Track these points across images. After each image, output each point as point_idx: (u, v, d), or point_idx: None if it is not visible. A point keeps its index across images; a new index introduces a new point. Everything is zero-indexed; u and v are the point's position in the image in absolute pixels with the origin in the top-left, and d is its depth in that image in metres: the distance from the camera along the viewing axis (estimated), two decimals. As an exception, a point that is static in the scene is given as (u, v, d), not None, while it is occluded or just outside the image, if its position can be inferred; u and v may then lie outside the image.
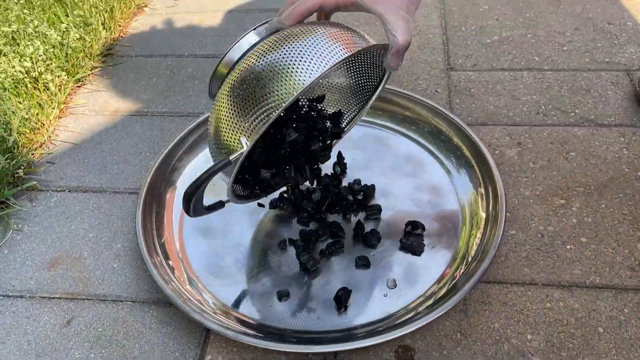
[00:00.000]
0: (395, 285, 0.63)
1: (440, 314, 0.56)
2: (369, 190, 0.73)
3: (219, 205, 0.64)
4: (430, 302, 0.60)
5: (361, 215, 0.71)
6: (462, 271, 0.62)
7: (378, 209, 0.70)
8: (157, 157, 0.76)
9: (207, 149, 0.81)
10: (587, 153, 0.78)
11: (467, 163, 0.74)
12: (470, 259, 0.63)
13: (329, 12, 0.57)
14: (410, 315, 0.59)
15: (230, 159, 0.51)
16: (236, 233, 0.70)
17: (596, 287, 0.62)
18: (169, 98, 0.96)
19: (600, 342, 0.57)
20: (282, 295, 0.63)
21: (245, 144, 0.50)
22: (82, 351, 0.60)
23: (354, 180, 0.75)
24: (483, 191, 0.70)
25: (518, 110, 0.86)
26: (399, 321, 0.58)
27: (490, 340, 0.58)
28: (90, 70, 1.02)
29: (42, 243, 0.73)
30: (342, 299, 0.61)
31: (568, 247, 0.66)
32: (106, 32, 1.10)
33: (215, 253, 0.68)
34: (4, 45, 0.96)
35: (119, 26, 1.16)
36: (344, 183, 0.75)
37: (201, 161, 0.80)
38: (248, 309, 0.62)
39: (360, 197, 0.72)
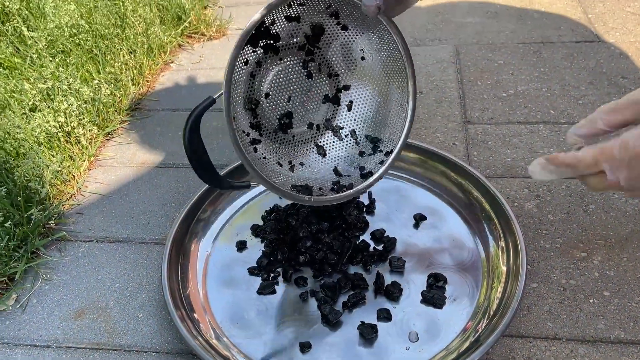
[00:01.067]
0: (417, 339, 0.63)
1: (464, 368, 0.56)
2: (391, 243, 0.74)
3: (245, 186, 0.69)
4: (453, 356, 0.60)
5: (382, 267, 0.72)
6: (484, 325, 0.62)
7: (403, 263, 0.71)
8: (183, 209, 0.78)
9: (231, 200, 0.84)
10: (606, 206, 0.78)
11: (486, 216, 0.75)
12: (492, 313, 0.63)
13: None
14: (433, 370, 0.59)
15: (214, 97, 0.56)
16: (259, 284, 0.71)
17: (621, 342, 0.61)
18: (194, 151, 0.99)
19: (627, 399, 0.56)
20: (305, 347, 0.63)
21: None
22: (107, 402, 0.61)
23: (377, 230, 0.76)
24: (503, 244, 0.71)
25: (536, 162, 0.87)
26: (422, 375, 0.58)
27: (514, 396, 0.58)
28: (119, 124, 1.07)
29: (69, 293, 0.75)
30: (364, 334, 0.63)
31: (591, 301, 0.66)
32: (135, 87, 1.15)
33: (239, 304, 0.69)
34: (40, 101, 1.01)
35: (147, 82, 1.21)
36: (366, 234, 0.76)
37: (226, 212, 0.82)
38: (271, 362, 0.63)
39: (380, 249, 0.73)
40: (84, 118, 1.00)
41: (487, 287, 0.67)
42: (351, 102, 0.74)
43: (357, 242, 0.74)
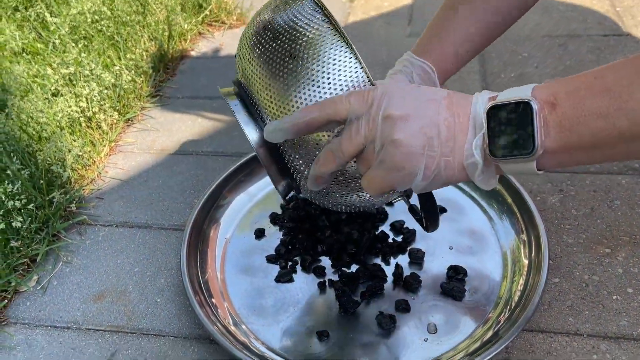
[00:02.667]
0: (436, 330, 0.63)
1: (483, 361, 0.56)
2: (410, 234, 0.73)
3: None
4: (472, 348, 0.59)
5: (401, 259, 0.71)
6: (505, 316, 0.61)
7: (422, 254, 0.71)
8: (202, 195, 0.78)
9: (250, 188, 0.83)
10: (632, 202, 0.77)
11: (508, 209, 0.74)
12: (513, 305, 0.62)
13: None
14: (452, 362, 0.58)
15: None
16: (277, 272, 0.71)
17: (645, 340, 0.60)
18: (214, 138, 0.99)
19: (650, 398, 0.55)
20: (322, 336, 0.63)
21: None
22: (125, 384, 0.62)
23: (397, 221, 0.75)
24: (525, 238, 0.70)
25: (559, 156, 0.86)
26: (440, 367, 0.58)
27: (534, 391, 0.57)
28: (140, 110, 1.07)
29: (89, 276, 0.75)
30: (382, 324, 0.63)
31: (614, 297, 0.65)
32: (156, 74, 1.15)
33: (257, 292, 0.69)
34: (62, 86, 1.02)
35: (168, 69, 1.21)
36: (386, 225, 0.76)
37: (245, 199, 0.82)
38: (288, 349, 0.63)
39: (400, 240, 0.73)
40: (105, 103, 1.00)
41: (508, 281, 0.66)
42: None
43: (377, 233, 0.74)
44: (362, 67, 0.47)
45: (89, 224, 0.84)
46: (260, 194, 0.84)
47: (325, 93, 0.47)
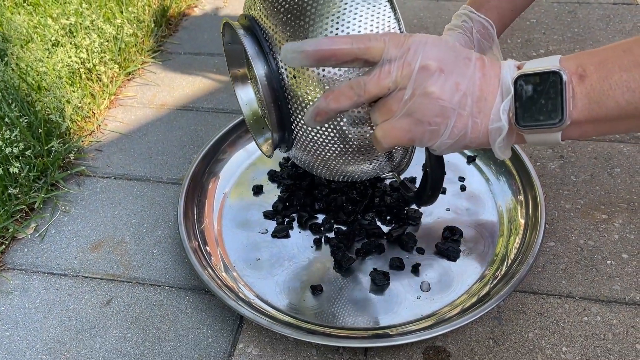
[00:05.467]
0: (429, 289, 0.63)
1: (474, 318, 0.56)
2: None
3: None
4: (464, 306, 0.60)
5: (398, 218, 0.71)
6: (502, 272, 0.61)
7: (420, 215, 0.71)
8: (202, 149, 0.78)
9: (249, 145, 0.83)
10: (632, 170, 0.76)
11: (507, 171, 0.74)
12: (510, 261, 0.62)
13: None
14: (443, 318, 0.59)
15: None
16: (274, 228, 0.72)
17: (636, 304, 0.61)
18: (215, 95, 0.99)
19: (637, 359, 0.56)
20: (316, 290, 0.64)
21: None
22: (120, 330, 0.62)
23: (395, 180, 0.75)
24: (522, 198, 0.69)
25: (562, 123, 0.85)
26: (431, 323, 0.58)
27: (523, 349, 0.57)
28: (141, 65, 1.06)
29: (87, 225, 0.76)
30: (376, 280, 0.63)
31: (608, 262, 0.65)
32: (157, 29, 1.14)
33: (253, 245, 0.70)
34: (62, 36, 1.00)
35: (170, 24, 1.19)
36: (384, 185, 0.76)
37: (243, 156, 0.82)
38: (281, 301, 0.63)
39: (395, 198, 0.73)
40: (105, 56, 0.99)
41: (504, 238, 0.67)
42: None
43: (374, 192, 0.74)
44: (396, 16, 0.45)
45: (87, 175, 0.84)
46: (259, 151, 0.83)
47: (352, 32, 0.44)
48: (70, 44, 0.99)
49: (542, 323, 0.60)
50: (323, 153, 0.51)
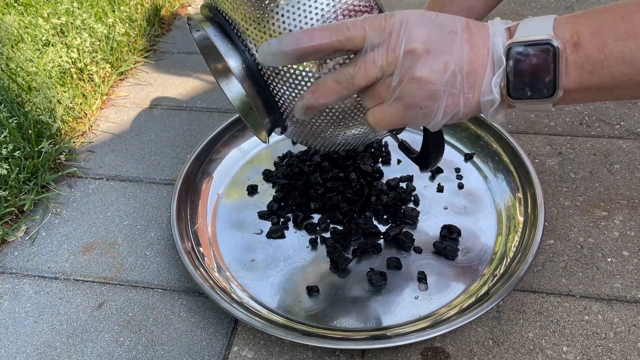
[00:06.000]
0: (427, 288, 0.62)
1: (473, 318, 0.55)
2: (405, 193, 0.72)
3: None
4: (462, 306, 0.58)
5: (395, 217, 0.70)
6: (501, 271, 0.60)
7: (417, 213, 0.69)
8: (195, 149, 0.77)
9: (243, 144, 0.82)
10: (631, 166, 0.75)
11: (505, 168, 0.73)
12: (509, 260, 0.61)
13: None
14: (441, 319, 0.57)
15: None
16: (269, 228, 0.70)
17: (637, 302, 0.60)
18: (208, 94, 0.97)
19: (639, 358, 0.55)
20: (312, 291, 0.62)
21: None
22: (112, 334, 0.61)
23: (392, 179, 0.74)
24: (521, 196, 0.68)
25: (560, 120, 0.84)
26: (429, 324, 0.57)
27: (523, 349, 0.56)
28: (133, 64, 1.05)
29: (78, 228, 0.74)
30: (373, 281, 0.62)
31: (609, 260, 0.64)
32: (150, 28, 1.12)
33: (247, 246, 0.68)
34: (53, 36, 0.99)
35: (163, 23, 1.18)
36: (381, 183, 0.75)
37: (237, 156, 0.80)
38: (277, 303, 0.62)
39: (394, 198, 0.71)
40: (97, 55, 0.98)
41: (503, 236, 0.66)
42: None
43: (371, 191, 0.73)
44: None
45: (79, 176, 0.82)
46: (254, 150, 0.82)
47: (323, 16, 0.43)
48: (61, 43, 0.98)
49: (542, 322, 0.59)
50: (317, 126, 0.50)
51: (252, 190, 0.76)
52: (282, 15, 0.44)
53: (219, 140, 0.79)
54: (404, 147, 0.61)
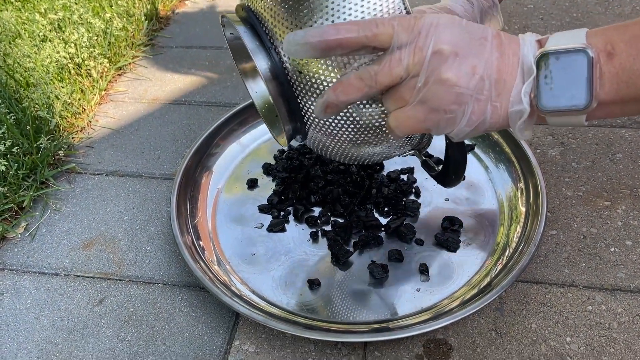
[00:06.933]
0: (428, 280, 0.62)
1: (475, 310, 0.54)
2: (406, 185, 0.71)
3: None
4: (464, 297, 0.58)
5: (396, 209, 0.70)
6: (503, 262, 0.60)
7: (418, 205, 0.69)
8: (195, 143, 0.76)
9: (242, 138, 0.81)
10: (634, 155, 0.75)
11: (506, 159, 0.72)
12: (511, 251, 0.61)
13: None
14: (443, 311, 0.57)
15: None
16: (269, 222, 0.70)
17: (641, 292, 0.59)
18: (207, 88, 0.97)
19: (644, 348, 0.54)
20: (313, 284, 0.62)
21: None
22: (113, 330, 0.61)
23: (393, 171, 0.74)
24: (523, 186, 0.68)
25: (562, 109, 0.83)
26: (431, 316, 0.57)
27: (526, 340, 0.56)
28: (132, 59, 1.04)
29: (78, 223, 0.74)
30: (374, 273, 0.62)
31: (612, 249, 0.64)
32: (148, 23, 1.12)
33: (248, 240, 0.68)
34: (50, 31, 0.98)
35: (161, 18, 1.17)
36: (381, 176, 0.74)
37: (237, 149, 0.80)
38: (278, 297, 0.62)
39: (395, 190, 0.71)
40: (94, 51, 0.97)
41: (505, 227, 0.65)
42: None
43: (372, 183, 0.72)
44: None
45: (78, 172, 0.82)
46: (253, 144, 0.81)
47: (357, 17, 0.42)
48: (59, 39, 0.97)
49: (545, 313, 0.58)
50: (338, 140, 0.49)
51: (252, 184, 0.75)
52: (312, 13, 0.43)
53: (218, 134, 0.79)
54: (427, 165, 0.60)
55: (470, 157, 0.75)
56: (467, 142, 0.77)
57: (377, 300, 0.60)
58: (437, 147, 0.62)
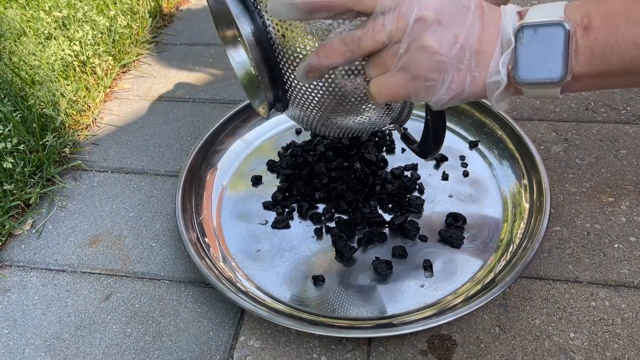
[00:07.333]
0: (432, 276, 0.62)
1: (479, 306, 0.55)
2: (410, 181, 0.72)
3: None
4: (468, 293, 0.58)
5: (400, 205, 0.70)
6: (507, 258, 0.60)
7: (422, 202, 0.69)
8: (199, 140, 0.77)
9: (247, 135, 0.82)
10: (638, 151, 0.75)
11: (510, 155, 0.72)
12: (515, 247, 0.61)
13: None
14: (447, 307, 0.57)
15: None
16: (274, 219, 0.70)
17: (645, 287, 0.60)
18: (211, 85, 0.97)
19: (648, 344, 0.55)
20: (318, 281, 0.63)
21: None
22: (120, 325, 0.61)
23: (396, 167, 0.74)
24: (527, 182, 0.68)
25: (565, 106, 0.83)
26: (435, 312, 0.57)
27: (530, 336, 0.56)
28: (136, 57, 1.04)
29: (84, 220, 0.74)
30: (378, 269, 0.62)
31: (616, 245, 0.64)
32: (152, 20, 1.12)
33: (253, 237, 0.69)
34: (55, 29, 0.99)
35: (165, 15, 1.18)
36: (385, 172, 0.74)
37: (241, 146, 0.80)
38: (283, 293, 0.62)
39: (399, 187, 0.71)
40: (99, 48, 0.98)
41: (509, 224, 0.65)
42: None
43: (375, 180, 0.72)
44: None
45: (84, 169, 0.82)
46: (258, 141, 0.82)
47: None
48: (64, 36, 0.97)
49: (549, 309, 0.58)
50: (319, 108, 0.49)
51: (257, 180, 0.76)
52: None
53: (222, 132, 0.79)
54: (406, 137, 0.60)
55: (473, 153, 0.76)
56: (471, 138, 0.77)
57: (381, 296, 0.61)
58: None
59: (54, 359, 0.59)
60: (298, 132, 0.83)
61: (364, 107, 0.48)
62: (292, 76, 0.47)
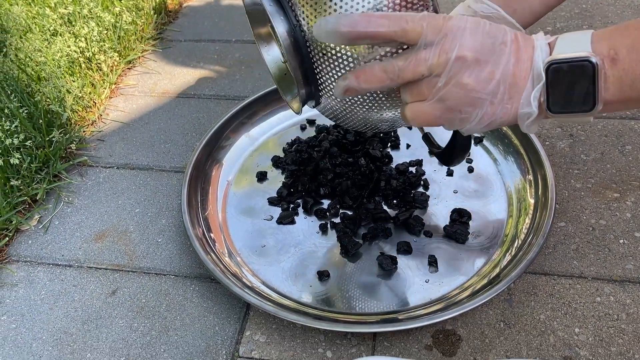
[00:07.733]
0: (437, 272, 0.62)
1: (484, 301, 0.55)
2: (415, 177, 0.72)
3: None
4: (473, 289, 0.58)
5: (405, 201, 0.70)
6: (512, 253, 0.60)
7: (427, 198, 0.69)
8: (205, 135, 0.77)
9: (252, 131, 0.82)
10: (643, 147, 0.75)
11: (515, 151, 0.72)
12: (520, 242, 0.61)
13: None
14: (452, 302, 0.58)
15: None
16: (279, 214, 0.71)
17: (650, 283, 0.59)
18: (216, 81, 0.97)
19: (653, 339, 0.55)
20: (323, 276, 0.63)
21: None
22: (126, 320, 0.62)
23: (401, 163, 0.74)
24: (532, 178, 0.68)
25: (571, 101, 0.83)
26: (440, 307, 0.57)
27: (535, 331, 0.56)
28: (141, 53, 1.05)
29: (90, 216, 0.75)
30: (383, 265, 0.62)
31: (621, 241, 0.64)
32: (157, 16, 1.12)
33: (258, 232, 0.69)
34: (61, 25, 0.99)
35: (170, 11, 1.18)
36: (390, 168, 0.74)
37: (246, 142, 0.81)
38: (288, 288, 0.62)
39: (404, 182, 0.71)
40: (104, 44, 0.98)
41: (514, 219, 0.65)
42: None
43: (380, 176, 0.73)
44: None
45: (90, 165, 0.83)
46: (263, 137, 0.82)
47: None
48: (69, 33, 0.98)
49: (554, 304, 0.58)
50: (351, 106, 0.50)
51: (262, 176, 0.76)
52: None
53: (227, 127, 0.80)
54: (428, 140, 0.61)
55: (479, 149, 0.76)
56: (476, 134, 0.77)
57: (386, 292, 0.61)
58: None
59: (61, 353, 0.59)
60: (303, 128, 0.83)
61: (394, 109, 0.50)
62: (325, 71, 0.47)
